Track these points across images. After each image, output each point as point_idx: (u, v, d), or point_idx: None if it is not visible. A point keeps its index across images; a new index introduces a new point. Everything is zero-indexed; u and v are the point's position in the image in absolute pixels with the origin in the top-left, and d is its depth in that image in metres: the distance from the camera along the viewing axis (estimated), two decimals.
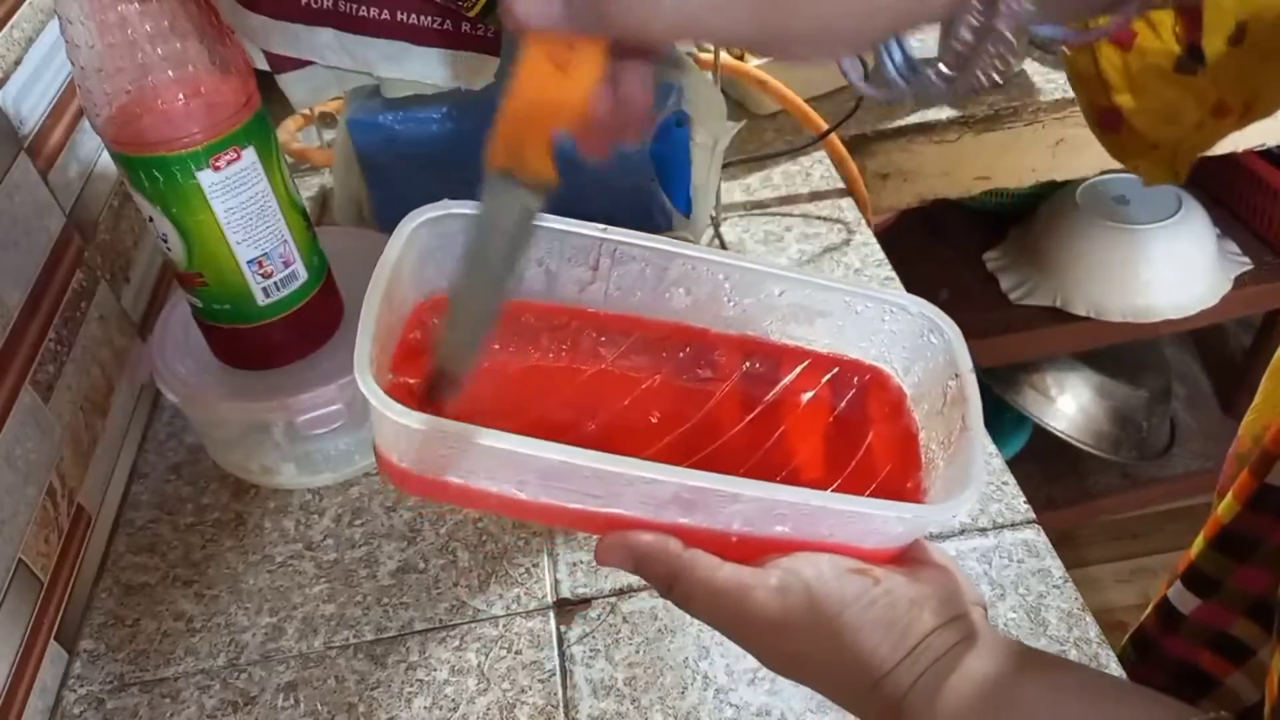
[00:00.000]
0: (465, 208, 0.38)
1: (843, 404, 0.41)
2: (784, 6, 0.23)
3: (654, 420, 0.39)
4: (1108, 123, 0.45)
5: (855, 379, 0.42)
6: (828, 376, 0.42)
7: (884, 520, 0.35)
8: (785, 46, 0.25)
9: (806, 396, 0.41)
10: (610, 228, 0.39)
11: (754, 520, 0.35)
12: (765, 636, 0.35)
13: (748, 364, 0.42)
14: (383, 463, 0.36)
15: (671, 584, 0.35)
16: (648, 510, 0.35)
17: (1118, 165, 1.15)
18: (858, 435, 0.40)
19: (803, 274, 0.41)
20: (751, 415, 0.40)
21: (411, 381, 0.37)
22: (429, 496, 0.42)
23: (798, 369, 0.42)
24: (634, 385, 0.40)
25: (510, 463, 0.33)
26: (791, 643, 0.35)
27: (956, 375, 0.37)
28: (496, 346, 0.40)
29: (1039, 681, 0.33)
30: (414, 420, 0.31)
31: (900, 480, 0.38)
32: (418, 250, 0.37)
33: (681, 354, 0.42)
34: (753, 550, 0.35)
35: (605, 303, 0.41)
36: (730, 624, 0.36)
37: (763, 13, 0.23)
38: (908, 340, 0.40)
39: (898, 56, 0.29)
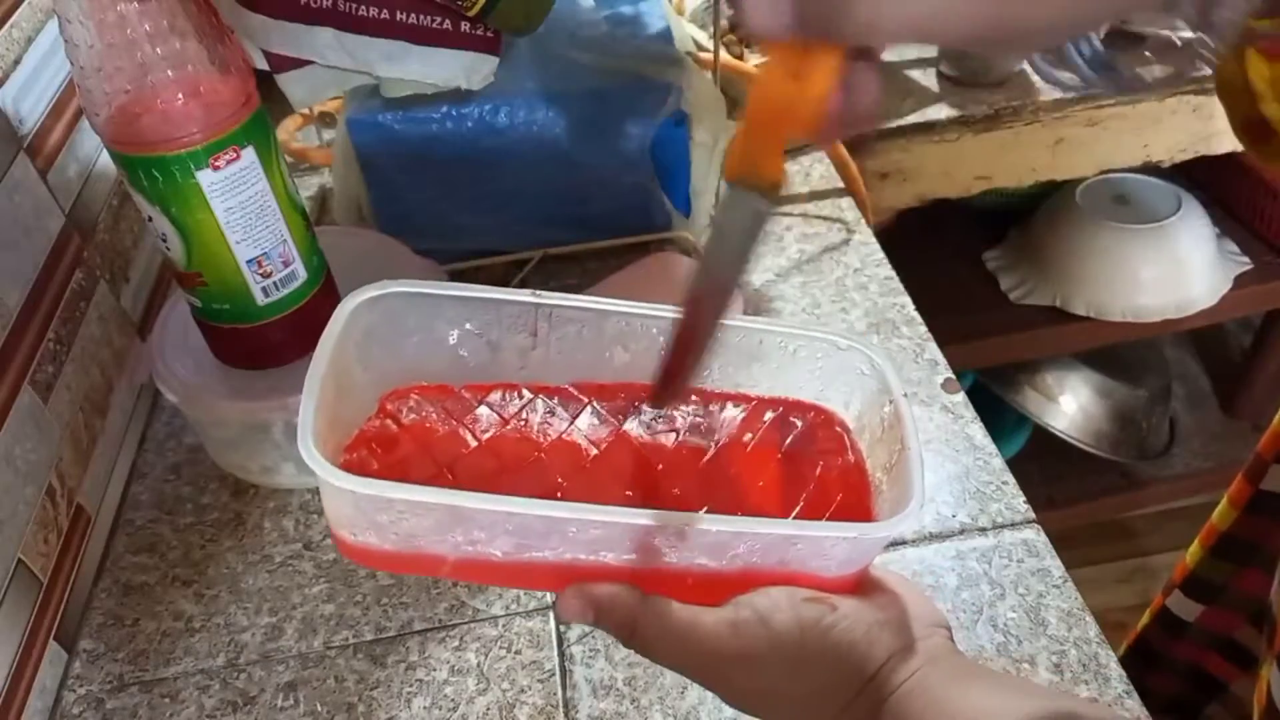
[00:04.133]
0: (405, 286, 0.39)
1: (791, 444, 0.42)
2: (1013, 4, 0.23)
3: (611, 481, 0.40)
4: (1256, 133, 0.45)
5: (800, 419, 0.43)
6: (773, 418, 0.43)
7: (831, 543, 0.35)
8: (1008, 43, 0.25)
9: (755, 440, 0.42)
10: (542, 292, 0.40)
11: (707, 559, 0.35)
12: (726, 671, 0.36)
13: (694, 415, 0.43)
14: (340, 542, 0.36)
15: (631, 632, 0.35)
16: (602, 558, 0.35)
17: (1118, 165, 1.15)
18: (807, 474, 0.41)
19: (734, 319, 0.42)
20: (702, 463, 0.41)
21: (371, 462, 0.38)
22: (389, 569, 0.43)
23: (743, 414, 0.43)
24: (587, 449, 0.41)
25: (460, 520, 0.34)
26: (752, 676, 0.35)
27: (891, 401, 0.39)
28: (452, 425, 0.41)
29: (1010, 706, 0.33)
30: (359, 485, 0.32)
31: (851, 511, 0.39)
32: (360, 329, 0.38)
33: (631, 412, 0.42)
34: (710, 591, 0.36)
35: (549, 368, 0.42)
36: (691, 663, 0.36)
37: (990, 11, 0.23)
38: (843, 375, 0.42)
39: (1086, 51, 0.29)
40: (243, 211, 0.52)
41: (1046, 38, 0.25)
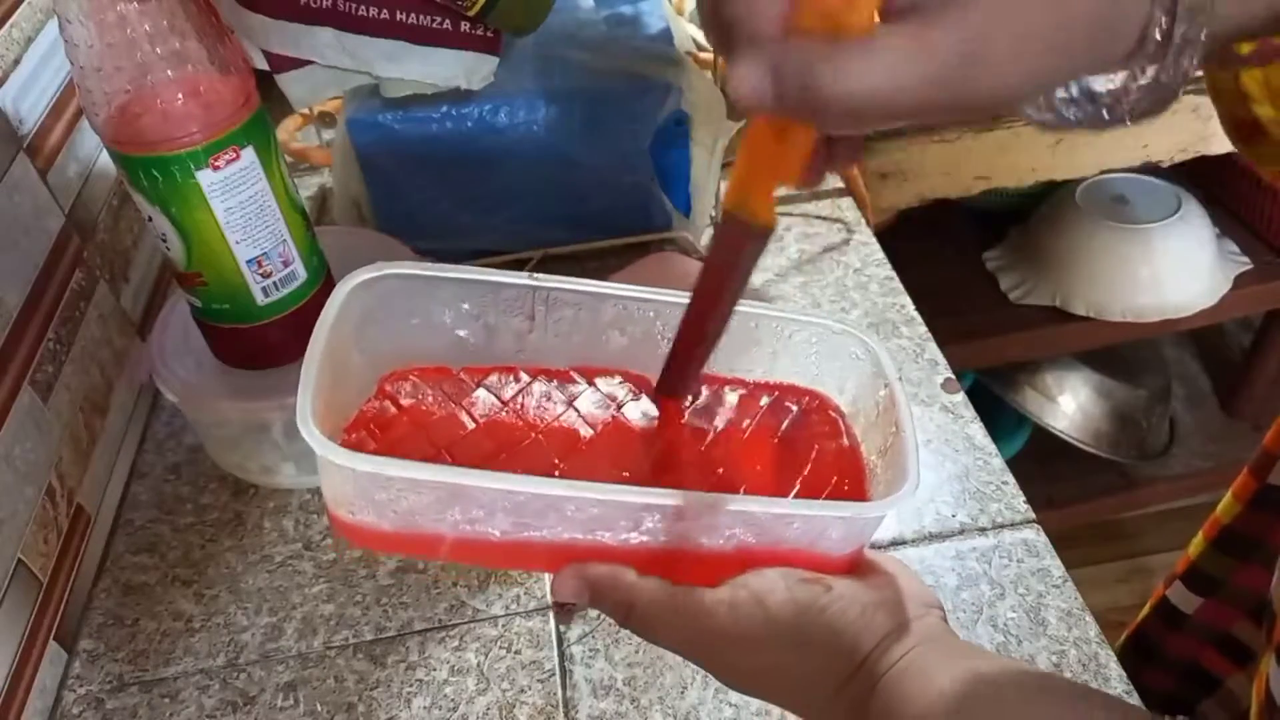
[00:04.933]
0: (401, 268, 0.39)
1: (786, 428, 0.42)
2: (968, 79, 0.24)
3: (608, 463, 0.40)
4: (1246, 134, 0.46)
5: (795, 403, 0.43)
6: (769, 402, 0.43)
7: (827, 523, 0.35)
8: (972, 111, 0.26)
9: (752, 425, 0.42)
10: (539, 274, 0.40)
11: (704, 539, 0.35)
12: (722, 651, 0.36)
13: (692, 399, 0.43)
14: (336, 521, 0.36)
15: (627, 613, 0.35)
16: (599, 537, 0.35)
17: (1117, 165, 1.15)
18: (803, 457, 0.41)
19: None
20: (700, 448, 0.41)
21: (369, 443, 0.38)
22: (386, 549, 0.43)
23: (739, 399, 0.43)
24: (584, 432, 0.41)
25: (458, 498, 0.34)
26: (749, 656, 0.35)
27: (886, 385, 0.39)
28: (450, 407, 0.41)
29: (1004, 685, 0.33)
30: (358, 461, 0.32)
31: (846, 494, 0.40)
32: (357, 311, 0.38)
33: (628, 396, 0.42)
34: (707, 572, 0.36)
35: (546, 351, 0.42)
36: (687, 644, 0.36)
37: (949, 89, 0.24)
38: (838, 360, 0.42)
39: (1073, 91, 0.31)
40: (243, 211, 0.52)
41: (1012, 104, 0.26)
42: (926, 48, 0.24)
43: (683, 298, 0.41)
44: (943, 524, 0.59)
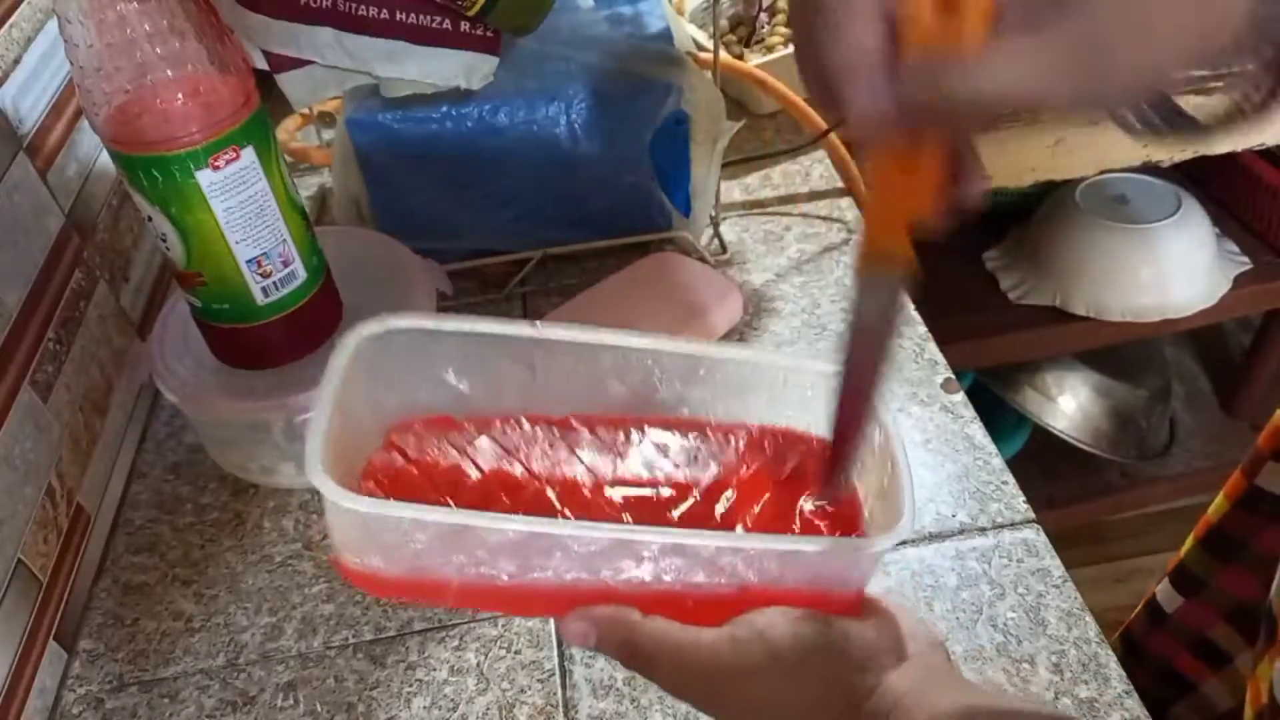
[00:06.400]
0: (405, 320, 0.39)
1: (783, 474, 0.42)
2: (1097, 73, 0.24)
3: (609, 510, 0.40)
4: None
5: (791, 448, 0.43)
6: (765, 448, 0.43)
7: (827, 559, 0.36)
8: (1096, 107, 0.27)
9: (748, 471, 0.43)
10: (540, 323, 0.40)
11: (705, 578, 0.36)
12: (724, 688, 0.36)
13: (691, 446, 0.43)
14: (343, 568, 0.36)
15: (631, 653, 0.36)
16: (602, 576, 0.36)
17: (1117, 165, 1.15)
18: (799, 502, 0.41)
19: (724, 350, 0.42)
20: (698, 494, 0.41)
21: (378, 494, 0.39)
22: (393, 595, 0.43)
23: (738, 444, 0.43)
24: (587, 479, 0.41)
25: (465, 541, 0.34)
26: (750, 690, 0.35)
27: (880, 427, 0.39)
28: (455, 457, 0.41)
29: None
30: (367, 505, 0.32)
31: (845, 535, 0.40)
32: (364, 363, 0.38)
33: (628, 444, 0.43)
34: (709, 613, 0.36)
35: (548, 400, 0.42)
36: (690, 683, 0.36)
37: (1079, 81, 0.24)
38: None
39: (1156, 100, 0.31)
40: (242, 211, 0.52)
41: (1123, 104, 0.26)
42: (1051, 38, 0.24)
43: (677, 344, 0.41)
44: (942, 524, 0.59)
